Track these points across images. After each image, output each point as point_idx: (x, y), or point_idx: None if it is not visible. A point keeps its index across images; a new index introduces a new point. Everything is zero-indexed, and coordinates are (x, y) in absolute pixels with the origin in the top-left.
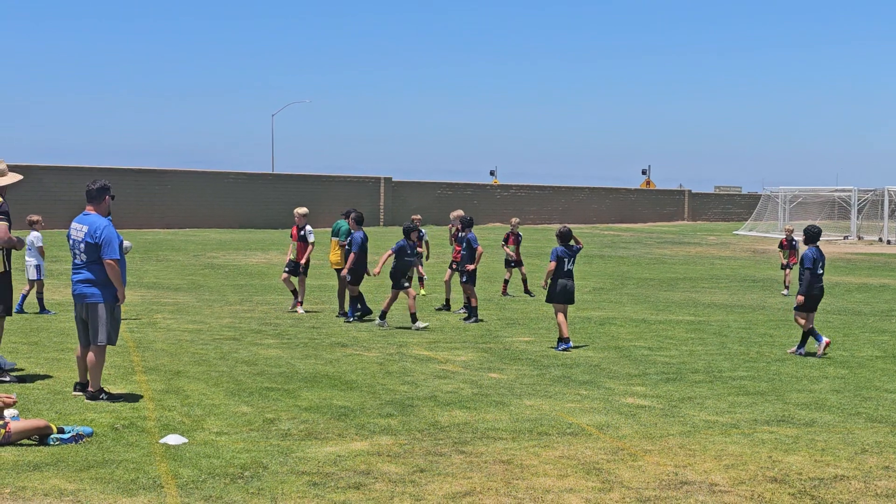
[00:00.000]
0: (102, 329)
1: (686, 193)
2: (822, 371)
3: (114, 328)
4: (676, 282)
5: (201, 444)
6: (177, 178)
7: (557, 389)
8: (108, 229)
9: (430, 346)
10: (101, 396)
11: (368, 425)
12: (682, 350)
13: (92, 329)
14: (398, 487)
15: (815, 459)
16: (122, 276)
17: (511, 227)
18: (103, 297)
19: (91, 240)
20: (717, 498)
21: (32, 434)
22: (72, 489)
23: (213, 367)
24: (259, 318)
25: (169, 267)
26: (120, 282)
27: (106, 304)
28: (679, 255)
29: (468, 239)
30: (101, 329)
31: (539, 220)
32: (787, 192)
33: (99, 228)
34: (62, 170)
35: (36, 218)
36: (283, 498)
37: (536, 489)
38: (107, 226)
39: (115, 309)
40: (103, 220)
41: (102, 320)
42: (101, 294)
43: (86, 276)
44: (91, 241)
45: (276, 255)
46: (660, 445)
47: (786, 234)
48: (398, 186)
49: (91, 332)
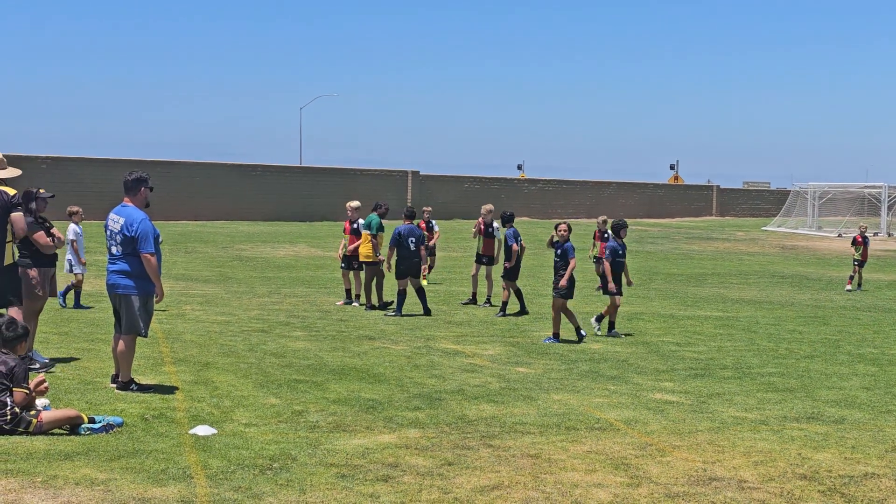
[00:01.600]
0: (135, 320)
1: (714, 189)
2: (853, 368)
3: (145, 320)
4: (705, 277)
5: (230, 435)
6: (206, 171)
7: (585, 384)
8: (144, 223)
9: (458, 339)
10: (131, 387)
11: (396, 418)
12: (710, 346)
13: (124, 320)
14: (426, 480)
15: (845, 457)
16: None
17: (598, 225)
18: (137, 289)
19: (127, 233)
20: (746, 494)
21: (64, 424)
22: (102, 478)
23: (242, 358)
24: (287, 311)
25: (198, 259)
26: (157, 276)
27: (139, 296)
28: (707, 251)
29: (506, 235)
30: (133, 320)
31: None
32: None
33: (135, 223)
34: (96, 161)
35: (75, 209)
36: (311, 489)
37: (564, 483)
38: (143, 220)
39: (148, 301)
40: (140, 214)
41: (134, 311)
42: (134, 286)
43: (120, 266)
44: (127, 235)
45: (304, 247)
46: (688, 441)
47: (860, 230)
48: (425, 180)
49: (123, 322)
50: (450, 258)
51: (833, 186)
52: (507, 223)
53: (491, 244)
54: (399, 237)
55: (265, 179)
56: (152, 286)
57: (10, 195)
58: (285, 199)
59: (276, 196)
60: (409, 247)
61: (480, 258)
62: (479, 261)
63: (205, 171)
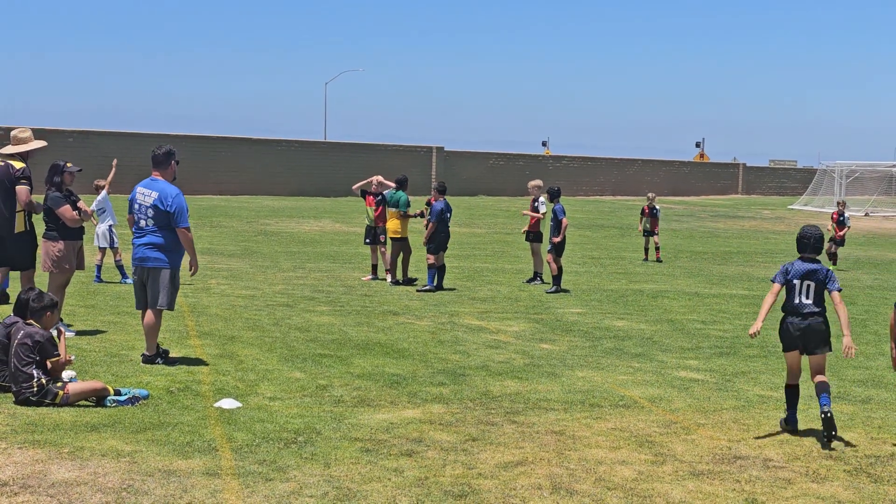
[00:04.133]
0: (164, 293)
1: (741, 167)
2: (879, 348)
3: (172, 294)
4: (730, 255)
5: (255, 408)
6: (231, 146)
7: (609, 361)
8: (179, 198)
9: (482, 315)
10: (157, 360)
11: (420, 393)
12: (735, 324)
13: (152, 293)
14: (450, 455)
15: (871, 437)
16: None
17: (648, 200)
18: (169, 263)
19: (162, 206)
20: (772, 473)
21: (90, 396)
22: (128, 450)
23: (267, 332)
24: (312, 286)
25: (223, 233)
26: (193, 249)
27: (171, 269)
28: (733, 229)
29: (555, 210)
30: (161, 293)
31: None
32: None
33: (169, 196)
34: (120, 135)
35: (102, 182)
36: (336, 463)
37: (588, 460)
38: (178, 194)
39: (176, 275)
40: (173, 189)
41: (164, 285)
42: (166, 259)
43: (150, 240)
44: (161, 208)
45: (328, 223)
46: (713, 419)
47: (839, 208)
48: (450, 156)
49: (151, 296)
50: (474, 235)
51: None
52: (555, 198)
53: (537, 220)
54: (441, 213)
55: (290, 154)
56: (181, 260)
57: (17, 168)
58: (310, 175)
59: (300, 171)
60: (447, 222)
61: (528, 234)
62: (526, 238)
63: (229, 145)
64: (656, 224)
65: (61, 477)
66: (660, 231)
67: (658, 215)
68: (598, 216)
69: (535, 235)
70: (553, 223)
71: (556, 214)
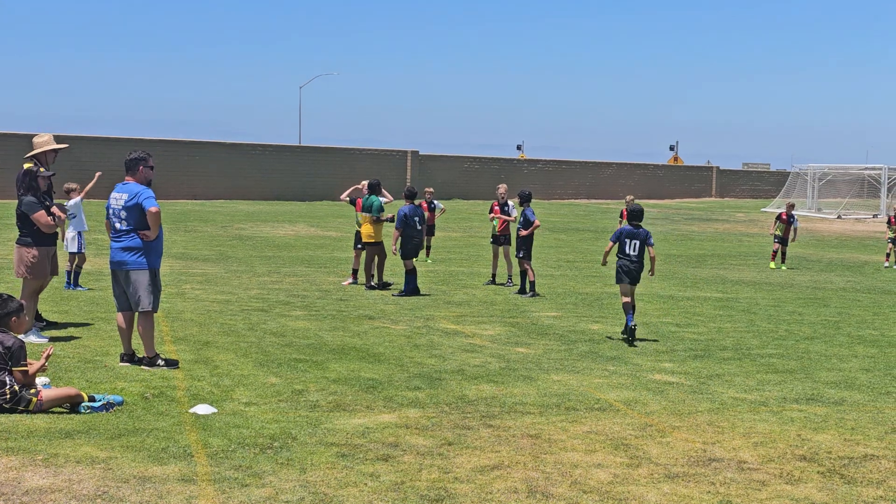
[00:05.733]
0: (145, 295)
1: (714, 170)
2: (852, 350)
3: (156, 294)
4: (704, 258)
5: (230, 414)
6: (205, 150)
7: (585, 365)
8: (147, 190)
9: (457, 319)
10: (158, 363)
11: (396, 398)
12: (710, 327)
13: (133, 297)
14: (426, 460)
15: (845, 438)
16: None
17: (627, 203)
18: (147, 264)
19: (129, 202)
20: (746, 475)
21: (64, 402)
22: (103, 457)
23: (242, 337)
24: (287, 290)
25: (197, 238)
26: (157, 226)
27: (149, 269)
28: (707, 232)
29: (525, 213)
30: (143, 296)
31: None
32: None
33: (136, 189)
34: (94, 140)
35: (73, 186)
36: (312, 468)
37: (564, 464)
38: (145, 188)
39: (156, 276)
40: (142, 186)
41: (144, 287)
42: (144, 261)
43: (126, 243)
44: (129, 203)
45: (303, 227)
46: (688, 422)
47: (787, 208)
48: (425, 160)
49: (132, 300)
50: (449, 238)
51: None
52: (525, 202)
53: (506, 224)
54: (406, 218)
55: (265, 159)
56: (159, 260)
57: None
58: (285, 179)
59: (275, 175)
60: (414, 226)
61: (497, 239)
62: (496, 241)
63: (204, 150)
64: None
65: (35, 484)
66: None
67: None
68: (573, 220)
69: (506, 238)
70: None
71: (528, 218)
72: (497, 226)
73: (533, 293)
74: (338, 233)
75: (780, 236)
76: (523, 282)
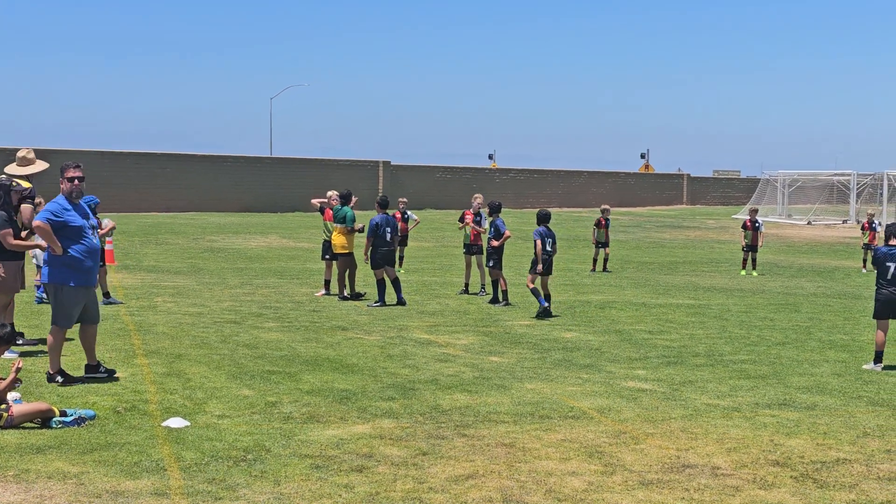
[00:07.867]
0: (54, 310)
1: (685, 177)
2: (823, 355)
3: (60, 311)
4: (676, 265)
5: (203, 427)
6: (176, 162)
7: (558, 373)
8: (50, 203)
9: (431, 329)
10: (56, 379)
11: (370, 408)
12: (682, 334)
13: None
14: (401, 470)
15: (817, 443)
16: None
17: (602, 212)
18: (48, 278)
19: None
20: (720, 481)
21: (35, 417)
22: (75, 472)
23: (215, 350)
24: (259, 302)
25: (169, 250)
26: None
27: (52, 284)
28: (678, 239)
29: (496, 224)
30: (53, 310)
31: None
32: (786, 175)
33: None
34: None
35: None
36: (286, 480)
37: (539, 472)
38: (51, 202)
39: (59, 292)
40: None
41: (54, 301)
42: (47, 274)
43: (44, 257)
44: None
45: (275, 238)
46: (661, 429)
47: (868, 217)
48: (397, 170)
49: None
50: (422, 248)
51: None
52: (495, 213)
53: (478, 233)
54: (377, 227)
55: (236, 170)
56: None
57: (24, 188)
58: (256, 190)
59: (247, 187)
60: (385, 237)
61: (469, 248)
62: (468, 251)
63: (175, 162)
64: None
65: (7, 500)
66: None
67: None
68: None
69: (479, 248)
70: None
71: (499, 228)
72: (469, 234)
73: (506, 302)
74: (310, 244)
75: (749, 244)
76: (496, 291)
